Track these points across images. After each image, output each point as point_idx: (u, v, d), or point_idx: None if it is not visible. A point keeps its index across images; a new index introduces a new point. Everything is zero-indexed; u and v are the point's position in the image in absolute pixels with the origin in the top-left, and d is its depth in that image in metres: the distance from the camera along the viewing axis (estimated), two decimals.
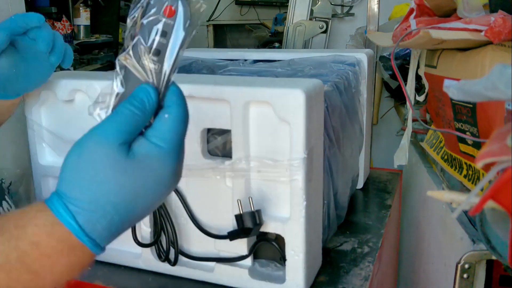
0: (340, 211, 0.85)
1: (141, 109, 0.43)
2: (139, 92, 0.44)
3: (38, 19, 0.68)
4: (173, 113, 0.44)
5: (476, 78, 0.53)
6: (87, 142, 0.43)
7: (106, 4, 2.75)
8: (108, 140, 0.42)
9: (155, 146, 0.43)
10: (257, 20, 3.75)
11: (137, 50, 0.44)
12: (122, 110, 0.43)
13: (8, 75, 0.66)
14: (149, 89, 0.44)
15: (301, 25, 2.18)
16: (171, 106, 0.45)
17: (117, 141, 0.42)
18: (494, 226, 0.42)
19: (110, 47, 2.73)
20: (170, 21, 0.44)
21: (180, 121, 0.45)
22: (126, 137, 0.42)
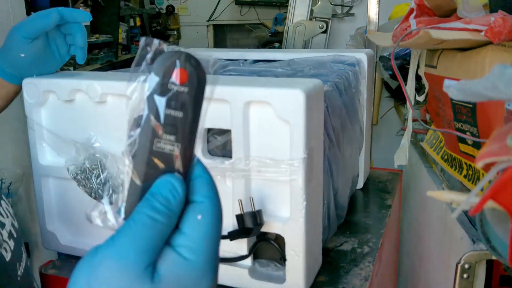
0: (340, 211, 0.85)
1: (166, 214, 0.32)
2: (161, 188, 0.33)
3: (86, 16, 0.75)
4: (207, 213, 0.33)
5: (476, 78, 0.53)
6: (99, 268, 0.32)
7: (106, 4, 2.75)
8: (128, 267, 0.31)
9: (187, 262, 0.32)
10: (257, 20, 3.75)
11: (148, 132, 0.33)
12: (142, 219, 0.32)
13: (33, 59, 0.72)
14: (174, 181, 0.33)
15: (301, 25, 2.18)
16: (203, 202, 0.34)
17: (140, 265, 0.31)
18: (494, 226, 0.42)
19: (110, 47, 2.73)
20: (184, 88, 0.34)
21: (216, 222, 0.34)
22: (150, 258, 0.32)
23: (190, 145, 0.34)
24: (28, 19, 0.70)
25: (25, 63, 0.72)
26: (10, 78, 0.74)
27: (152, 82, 0.33)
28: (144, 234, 0.32)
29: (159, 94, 0.33)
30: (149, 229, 0.32)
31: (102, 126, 0.73)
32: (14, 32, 0.70)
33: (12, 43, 0.70)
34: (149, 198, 0.33)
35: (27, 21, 0.69)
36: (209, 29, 4.10)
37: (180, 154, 0.34)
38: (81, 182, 0.70)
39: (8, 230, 0.62)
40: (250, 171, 0.64)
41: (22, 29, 0.69)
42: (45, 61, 0.74)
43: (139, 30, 3.53)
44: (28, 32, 0.69)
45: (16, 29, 0.70)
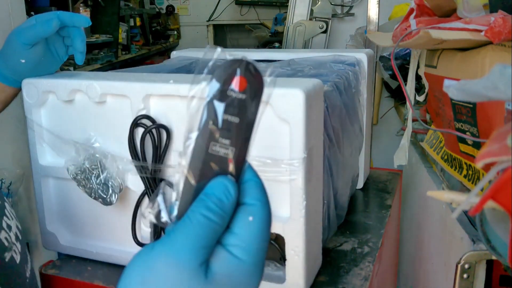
0: (340, 211, 0.85)
1: (220, 214, 0.34)
2: (215, 190, 0.34)
3: (85, 21, 0.75)
4: (258, 215, 0.35)
5: (476, 78, 0.53)
6: (155, 263, 0.33)
7: (106, 4, 2.75)
8: (184, 263, 0.32)
9: (238, 261, 0.34)
10: (257, 20, 3.75)
11: (205, 136, 0.35)
12: (197, 218, 0.33)
13: (33, 64, 0.72)
14: (227, 183, 0.35)
15: (301, 25, 2.18)
16: (254, 204, 0.35)
17: (195, 262, 0.33)
18: (494, 226, 0.42)
19: (110, 47, 2.73)
20: (242, 95, 0.35)
21: (266, 224, 0.35)
22: (205, 255, 0.33)
23: (243, 150, 0.36)
24: (28, 24, 0.69)
25: (25, 68, 0.72)
26: (10, 82, 0.75)
27: (212, 88, 0.35)
28: (199, 232, 0.33)
29: (219, 99, 0.35)
30: (203, 227, 0.33)
31: (102, 126, 0.73)
32: (13, 37, 0.70)
33: (12, 48, 0.70)
34: (204, 198, 0.34)
35: (27, 27, 0.69)
36: (209, 29, 4.10)
37: (234, 158, 0.36)
38: (81, 182, 0.70)
39: (15, 232, 0.62)
40: None
41: (22, 35, 0.69)
42: (45, 64, 0.75)
43: (139, 30, 3.53)
44: (28, 39, 0.69)
45: (15, 34, 0.69)
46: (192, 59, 0.99)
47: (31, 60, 0.72)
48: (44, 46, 0.73)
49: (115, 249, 0.76)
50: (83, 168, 0.70)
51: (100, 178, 0.69)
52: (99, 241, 0.78)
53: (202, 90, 0.36)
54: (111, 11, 2.79)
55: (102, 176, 0.69)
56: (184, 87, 0.65)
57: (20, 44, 0.69)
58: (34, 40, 0.69)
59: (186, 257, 0.33)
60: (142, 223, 0.71)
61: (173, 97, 0.67)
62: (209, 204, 0.34)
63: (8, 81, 0.75)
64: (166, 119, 0.68)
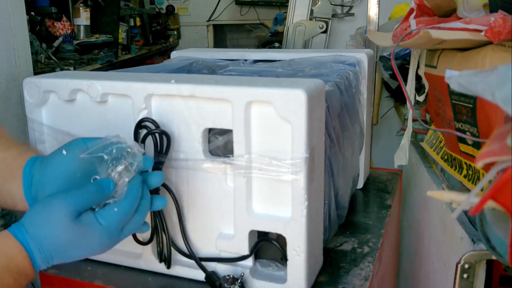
0: (340, 211, 0.85)
1: (100, 195, 0.57)
2: (103, 183, 0.57)
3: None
4: (121, 208, 0.57)
5: None
6: (54, 201, 0.55)
7: (106, 4, 2.75)
8: (68, 207, 0.54)
9: (97, 222, 0.56)
10: (257, 20, 3.75)
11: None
12: (89, 189, 0.56)
13: None
14: (111, 183, 0.57)
15: (301, 25, 2.18)
16: (121, 204, 0.57)
17: (73, 212, 0.54)
18: (494, 226, 0.42)
19: (110, 47, 2.73)
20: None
21: (125, 214, 0.57)
22: (80, 209, 0.55)
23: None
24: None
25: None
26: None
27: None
28: (85, 197, 0.56)
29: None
30: (90, 195, 0.56)
31: (103, 126, 0.73)
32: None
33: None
34: (98, 182, 0.57)
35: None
36: (209, 29, 4.10)
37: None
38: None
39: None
40: (252, 171, 0.64)
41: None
42: None
43: (139, 30, 3.52)
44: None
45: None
46: (192, 59, 0.99)
47: None
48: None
49: (115, 249, 0.75)
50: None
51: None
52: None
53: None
54: (111, 11, 2.79)
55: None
56: (185, 86, 0.65)
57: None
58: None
59: (70, 204, 0.54)
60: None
61: (175, 96, 0.67)
62: (98, 187, 0.57)
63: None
64: (167, 118, 0.68)
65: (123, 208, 0.57)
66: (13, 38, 1.27)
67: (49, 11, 2.27)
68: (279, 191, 0.65)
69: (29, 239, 0.54)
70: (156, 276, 0.75)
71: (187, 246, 0.71)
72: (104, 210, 0.57)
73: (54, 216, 0.54)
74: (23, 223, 0.55)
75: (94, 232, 0.55)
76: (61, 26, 2.34)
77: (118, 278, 0.75)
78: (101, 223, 0.56)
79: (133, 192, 0.58)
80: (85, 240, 0.55)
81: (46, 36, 2.26)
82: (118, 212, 0.57)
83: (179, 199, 0.71)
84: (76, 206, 0.55)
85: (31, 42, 1.81)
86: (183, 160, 0.68)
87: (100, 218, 0.56)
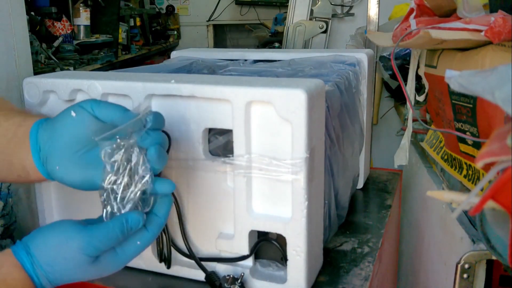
0: (340, 211, 0.85)
1: (125, 235, 0.51)
2: (132, 219, 0.51)
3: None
4: (144, 240, 0.53)
5: None
6: (69, 244, 0.50)
7: (106, 4, 2.75)
8: (86, 252, 0.50)
9: (117, 261, 0.53)
10: (257, 20, 3.75)
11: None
12: (110, 234, 0.50)
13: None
14: (141, 221, 0.52)
15: (301, 25, 2.18)
16: (146, 236, 0.53)
17: (93, 255, 0.50)
18: (494, 226, 0.42)
19: (110, 47, 2.73)
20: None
21: (147, 245, 0.54)
22: (100, 252, 0.51)
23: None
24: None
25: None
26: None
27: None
28: (107, 241, 0.51)
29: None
30: (111, 240, 0.51)
31: None
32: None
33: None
34: (123, 222, 0.51)
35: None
36: (209, 29, 4.10)
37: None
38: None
39: None
40: (252, 171, 0.65)
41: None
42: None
43: (139, 30, 3.52)
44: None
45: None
46: (192, 59, 0.99)
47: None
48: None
49: None
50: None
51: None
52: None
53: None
54: (111, 11, 2.79)
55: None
56: (185, 86, 0.65)
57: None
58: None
59: (90, 252, 0.50)
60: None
61: (175, 97, 0.67)
62: (123, 229, 0.51)
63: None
64: (167, 119, 0.68)
65: (147, 241, 0.53)
66: (13, 38, 1.27)
67: (49, 11, 2.27)
68: (279, 191, 0.65)
69: (41, 276, 0.50)
70: (156, 276, 0.75)
71: (187, 246, 0.71)
72: (126, 247, 0.52)
73: (72, 260, 0.50)
74: (34, 254, 0.50)
75: (113, 267, 0.53)
76: (61, 26, 2.34)
77: (118, 278, 0.75)
78: (121, 259, 0.52)
79: (160, 222, 0.54)
80: (101, 273, 0.53)
81: (46, 36, 2.26)
82: (141, 245, 0.53)
83: (179, 199, 0.71)
84: (96, 251, 0.50)
85: (31, 42, 1.81)
86: (183, 160, 0.68)
87: (121, 254, 0.52)
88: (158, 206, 0.55)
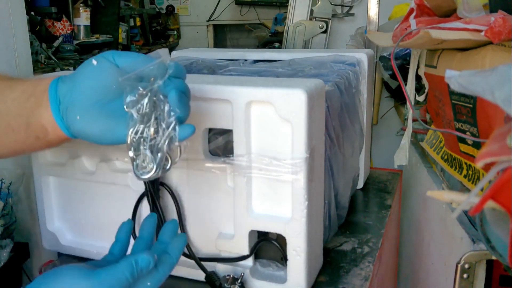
0: (340, 211, 0.85)
1: (136, 278, 0.49)
2: (142, 263, 0.49)
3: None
4: (154, 284, 0.51)
5: None
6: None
7: (106, 4, 2.75)
8: None
9: None
10: (257, 20, 3.75)
11: None
12: (122, 277, 0.48)
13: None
14: (151, 261, 0.49)
15: (301, 25, 2.18)
16: (157, 277, 0.51)
17: None
18: (494, 226, 0.42)
19: (110, 47, 2.73)
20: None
21: (158, 285, 0.52)
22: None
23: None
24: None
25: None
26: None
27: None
28: (117, 286, 0.47)
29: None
30: (122, 283, 0.48)
31: None
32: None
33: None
34: (133, 264, 0.48)
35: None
36: (209, 29, 4.10)
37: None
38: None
39: None
40: (252, 171, 0.64)
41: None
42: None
43: (139, 30, 3.52)
44: None
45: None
46: (192, 59, 0.99)
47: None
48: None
49: None
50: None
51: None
52: (100, 241, 0.78)
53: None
54: (111, 11, 2.79)
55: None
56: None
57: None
58: None
59: None
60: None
61: None
62: (133, 271, 0.48)
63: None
64: None
65: (158, 282, 0.51)
66: (13, 38, 1.27)
67: (49, 11, 2.28)
68: (279, 191, 0.65)
69: None
70: None
71: (187, 246, 0.71)
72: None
73: None
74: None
75: None
76: (61, 26, 2.34)
77: None
78: None
79: (172, 262, 0.53)
80: None
81: (46, 36, 2.26)
82: (152, 287, 0.51)
83: (179, 199, 0.71)
84: None
85: (31, 42, 1.81)
86: (183, 160, 0.68)
87: None
88: (172, 245, 0.54)
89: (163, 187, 0.70)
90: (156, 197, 0.69)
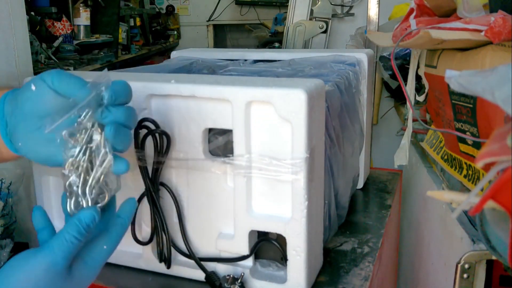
0: (340, 211, 0.85)
1: (85, 236, 0.48)
2: (85, 216, 0.48)
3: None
4: (110, 246, 0.51)
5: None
6: (35, 269, 0.46)
7: (106, 4, 2.75)
8: (58, 269, 0.47)
9: (89, 269, 0.50)
10: (257, 20, 3.75)
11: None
12: (71, 239, 0.47)
13: None
14: (95, 214, 0.49)
15: (301, 25, 2.18)
16: (111, 238, 0.51)
17: (66, 268, 0.47)
18: (494, 226, 0.42)
19: (110, 47, 2.73)
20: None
21: (115, 247, 0.52)
22: (70, 262, 0.48)
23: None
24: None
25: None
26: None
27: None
28: (70, 248, 0.47)
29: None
30: (74, 245, 0.47)
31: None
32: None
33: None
34: (77, 223, 0.48)
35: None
36: (209, 29, 4.10)
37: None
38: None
39: None
40: (252, 171, 0.64)
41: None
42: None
43: (139, 30, 3.52)
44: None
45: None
46: (192, 59, 0.99)
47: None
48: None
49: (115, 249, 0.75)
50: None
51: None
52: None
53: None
54: (111, 11, 2.79)
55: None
56: (185, 86, 0.65)
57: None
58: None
59: (60, 265, 0.46)
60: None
61: (175, 97, 0.67)
62: (80, 229, 0.48)
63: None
64: (167, 119, 0.68)
65: (113, 243, 0.51)
66: (13, 38, 1.27)
67: (49, 11, 2.28)
68: (279, 191, 0.65)
69: None
70: (156, 276, 0.75)
71: (187, 246, 0.71)
72: (93, 253, 0.50)
73: (47, 284, 0.46)
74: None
75: (87, 277, 0.50)
76: (61, 26, 2.34)
77: (118, 278, 0.75)
78: (92, 266, 0.50)
79: (124, 223, 0.52)
80: (80, 286, 0.50)
81: (46, 36, 2.26)
82: (109, 249, 0.51)
83: (179, 199, 0.71)
84: (64, 261, 0.47)
85: (31, 42, 1.81)
86: (183, 160, 0.68)
87: (91, 261, 0.50)
88: (122, 208, 0.53)
89: (163, 187, 0.70)
90: (156, 197, 0.69)
